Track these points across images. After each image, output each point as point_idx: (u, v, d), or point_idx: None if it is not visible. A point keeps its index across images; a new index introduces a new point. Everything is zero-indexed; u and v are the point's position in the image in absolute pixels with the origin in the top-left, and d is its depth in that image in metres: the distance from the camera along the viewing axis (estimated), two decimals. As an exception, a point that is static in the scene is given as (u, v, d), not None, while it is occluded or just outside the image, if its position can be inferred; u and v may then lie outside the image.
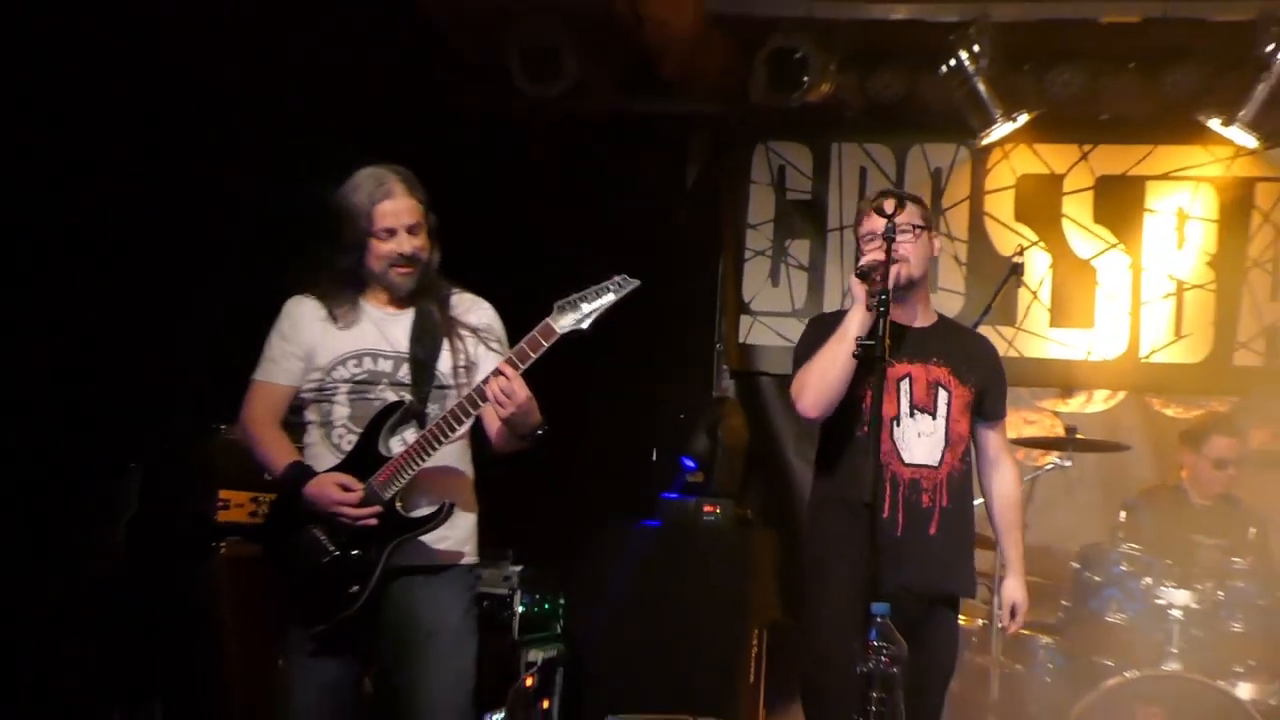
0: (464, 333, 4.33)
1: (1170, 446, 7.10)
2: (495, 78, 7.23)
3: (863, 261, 4.36)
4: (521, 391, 4.02)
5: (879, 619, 3.45)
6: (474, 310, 4.43)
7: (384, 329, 4.32)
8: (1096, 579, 6.08)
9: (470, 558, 4.37)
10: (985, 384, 4.64)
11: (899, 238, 4.30)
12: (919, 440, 4.48)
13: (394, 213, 4.27)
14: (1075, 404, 8.02)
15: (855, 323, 4.35)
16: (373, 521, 4.13)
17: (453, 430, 4.12)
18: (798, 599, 7.63)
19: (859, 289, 4.33)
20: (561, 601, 6.96)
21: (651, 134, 8.22)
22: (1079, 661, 6.12)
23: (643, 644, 6.70)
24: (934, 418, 4.50)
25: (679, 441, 7.38)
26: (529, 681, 6.19)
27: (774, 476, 8.19)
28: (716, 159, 8.54)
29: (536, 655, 6.44)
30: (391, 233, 4.26)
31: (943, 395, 4.47)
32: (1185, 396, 7.85)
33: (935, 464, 4.45)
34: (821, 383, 4.39)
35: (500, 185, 7.18)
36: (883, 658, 3.42)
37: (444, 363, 4.28)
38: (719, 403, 7.93)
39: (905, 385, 4.46)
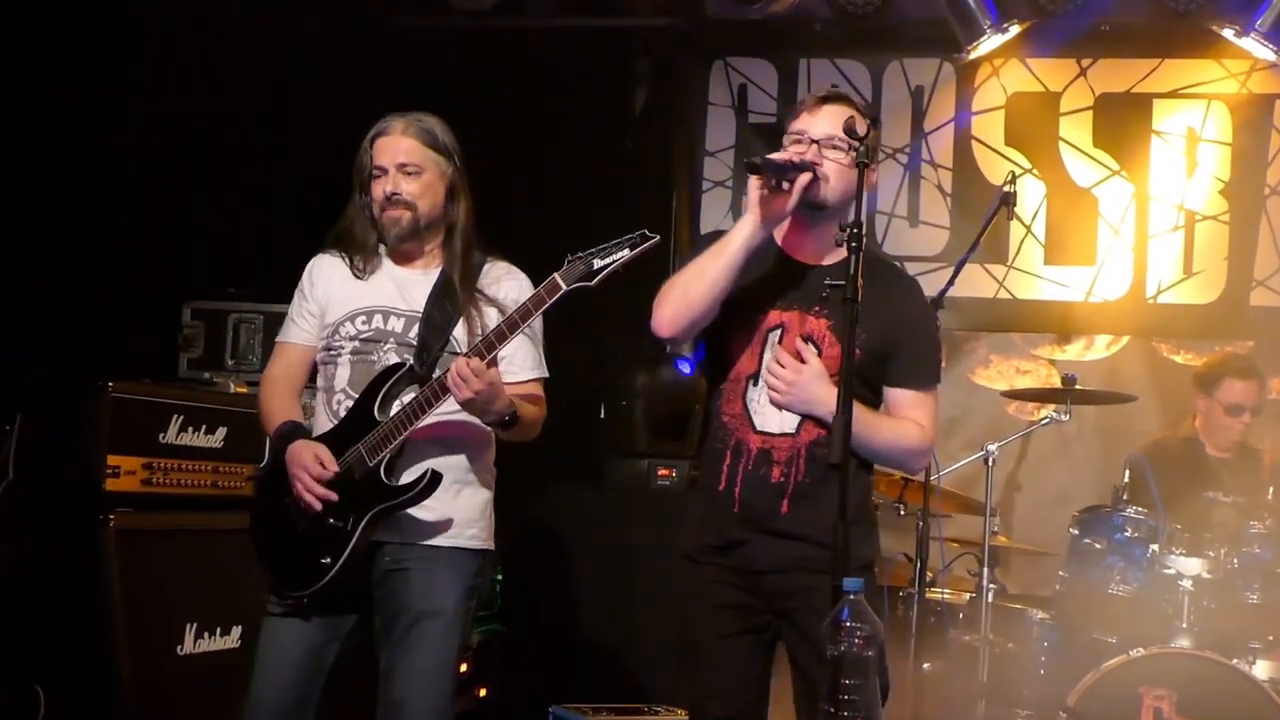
0: (485, 304, 4.41)
1: (1180, 397, 7.17)
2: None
3: (771, 155, 4.05)
4: (478, 381, 4.09)
5: (851, 596, 3.42)
6: (504, 282, 4.48)
7: (404, 288, 4.44)
8: (1097, 546, 6.14)
9: (477, 541, 4.43)
10: (890, 341, 4.18)
11: (829, 153, 4.08)
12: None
13: (387, 150, 4.39)
14: (1074, 350, 8.08)
15: (743, 232, 4.05)
16: (317, 506, 4.24)
17: (433, 404, 4.21)
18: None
19: (755, 188, 4.01)
20: (499, 577, 6.99)
21: (594, 51, 8.21)
22: (1077, 639, 6.17)
23: (591, 625, 6.75)
24: None
25: (625, 397, 7.42)
26: (463, 667, 6.20)
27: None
28: (668, 79, 8.53)
29: (472, 637, 6.47)
30: (383, 171, 4.39)
31: (810, 352, 4.11)
32: (1197, 341, 7.92)
33: (793, 430, 4.12)
34: (684, 296, 4.09)
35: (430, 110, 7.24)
36: (856, 639, 3.38)
37: (460, 329, 4.37)
38: (660, 356, 7.94)
39: (775, 338, 4.16)
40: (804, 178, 4.00)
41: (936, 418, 4.31)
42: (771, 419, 4.13)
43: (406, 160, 4.39)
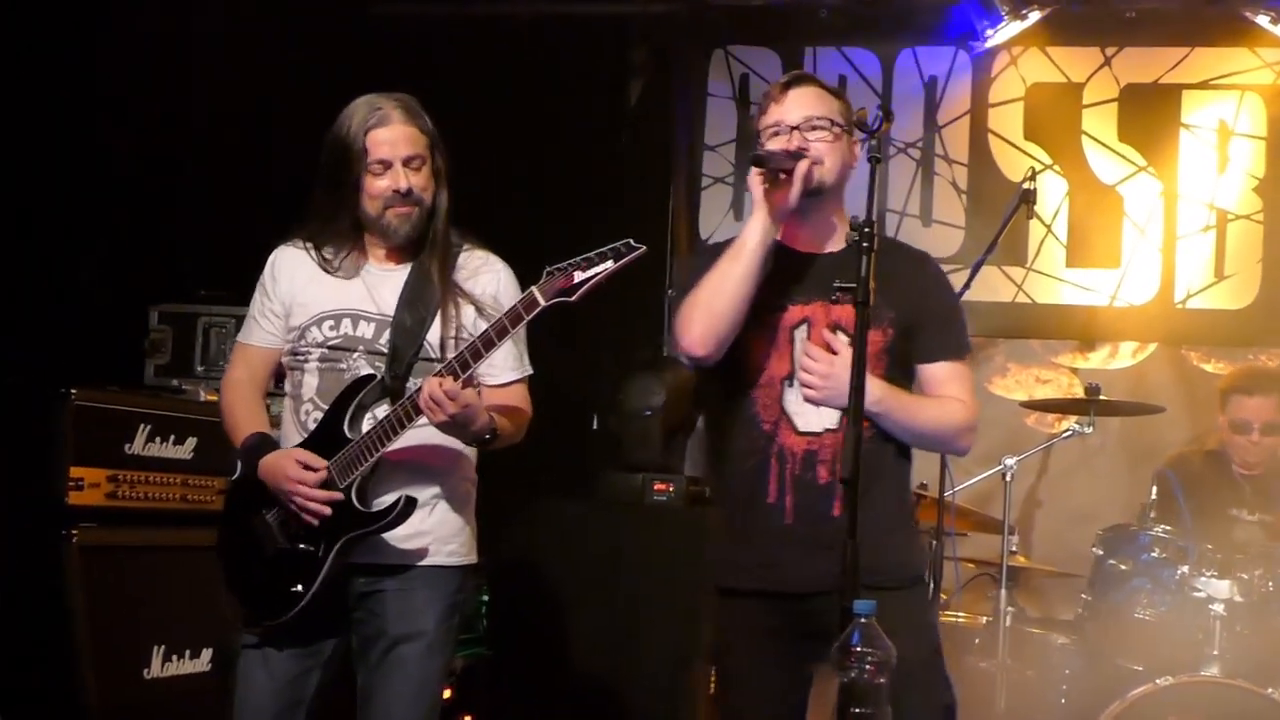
0: (462, 300, 4.36)
1: (1211, 408, 7.14)
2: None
3: (768, 146, 4.15)
4: (451, 404, 4.04)
5: (862, 620, 3.44)
6: (482, 274, 4.44)
7: (373, 287, 4.36)
8: (1122, 567, 6.14)
9: (456, 557, 4.40)
10: (913, 313, 4.24)
11: (811, 135, 4.15)
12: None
13: (389, 142, 4.29)
14: (1097, 358, 8.09)
15: (755, 231, 4.09)
16: (326, 510, 4.20)
17: (405, 424, 4.17)
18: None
19: (758, 184, 4.09)
20: (484, 598, 6.99)
21: (587, 40, 8.22)
22: (1101, 665, 6.17)
23: (582, 649, 6.74)
24: None
25: (619, 406, 7.42)
26: (446, 693, 6.21)
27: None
28: (665, 69, 8.55)
29: (455, 662, 6.47)
30: (386, 165, 4.28)
31: (842, 341, 4.13)
32: (1228, 348, 7.93)
33: (835, 425, 4.13)
34: (710, 311, 4.09)
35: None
36: (866, 666, 3.41)
37: (434, 332, 4.32)
38: (652, 362, 7.95)
39: (801, 334, 4.19)
40: (803, 165, 4.06)
41: (974, 389, 4.39)
42: (811, 417, 4.14)
43: (411, 153, 4.30)
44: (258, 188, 6.87)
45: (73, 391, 5.36)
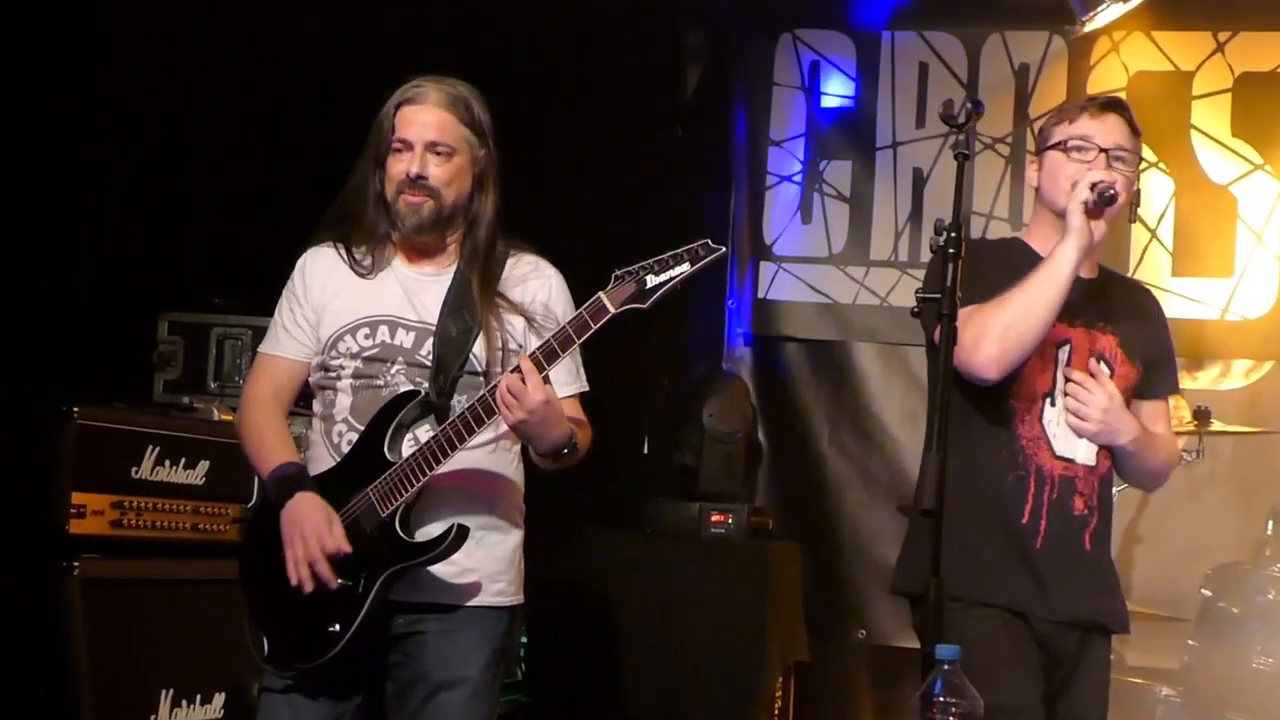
0: (508, 311, 4.38)
1: (1335, 435, 7.17)
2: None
3: (1102, 180, 4.32)
4: (536, 395, 4.02)
5: (946, 666, 3.46)
6: (530, 281, 4.44)
7: (412, 292, 4.38)
8: (1234, 610, 6.16)
9: (505, 596, 4.39)
10: (1153, 356, 4.59)
11: (1117, 165, 4.39)
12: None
13: (416, 122, 4.31)
14: (1207, 378, 8.05)
15: (1072, 258, 4.29)
16: (309, 586, 4.18)
17: (465, 436, 4.16)
18: (830, 633, 7.71)
19: (1079, 215, 4.30)
20: (524, 640, 7.02)
21: (636, 22, 8.22)
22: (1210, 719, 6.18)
23: (631, 696, 6.77)
24: None
25: (667, 429, 7.46)
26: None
27: (801, 474, 8.27)
28: (726, 56, 8.58)
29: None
30: (406, 146, 4.30)
31: (1104, 374, 4.44)
32: (1355, 367, 7.91)
33: (1093, 462, 4.42)
34: (1010, 334, 4.26)
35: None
36: (950, 717, 3.44)
37: (480, 343, 4.32)
38: (718, 379, 7.98)
39: (1064, 355, 4.43)
40: (1118, 207, 4.37)
41: None
42: (1073, 444, 4.41)
43: (438, 138, 4.28)
44: (276, 186, 6.90)
45: (74, 409, 5.35)
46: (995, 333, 4.25)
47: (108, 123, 6.63)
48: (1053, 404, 4.40)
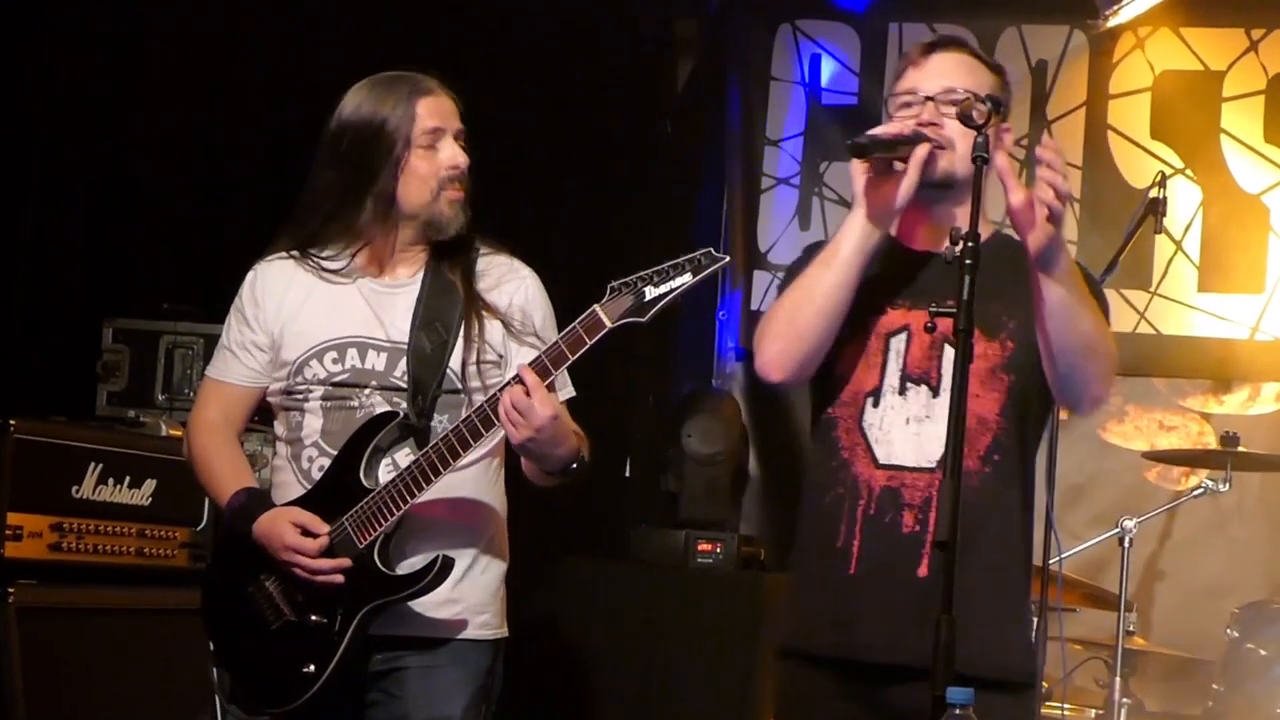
0: (487, 316, 4.36)
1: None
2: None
3: (875, 130, 3.96)
4: (544, 410, 3.99)
5: (957, 710, 3.43)
6: (507, 283, 4.43)
7: (379, 308, 4.35)
8: (1262, 652, 6.18)
9: (489, 629, 4.38)
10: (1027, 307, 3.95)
11: (949, 111, 3.94)
12: (905, 429, 3.97)
13: (439, 112, 4.31)
14: (1234, 402, 8.09)
15: (852, 233, 3.92)
16: (338, 579, 4.16)
17: (451, 459, 4.12)
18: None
19: (860, 175, 3.93)
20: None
21: (624, 11, 8.28)
22: (1236, 769, 6.22)
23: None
24: (935, 393, 3.98)
25: (651, 450, 7.49)
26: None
27: (796, 499, 8.27)
28: (719, 48, 8.61)
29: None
30: (439, 135, 4.28)
31: (949, 357, 3.85)
32: (1394, 392, 7.96)
33: (931, 465, 3.90)
34: (791, 327, 3.97)
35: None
36: (961, 762, 3.41)
37: (455, 357, 4.30)
38: (705, 396, 8.00)
39: (898, 344, 4.01)
40: (920, 151, 3.90)
41: None
42: (901, 447, 3.96)
43: (460, 127, 4.32)
44: (230, 187, 6.90)
45: (10, 423, 5.35)
46: (777, 329, 4.01)
47: (46, 116, 6.60)
48: (875, 404, 3.98)
